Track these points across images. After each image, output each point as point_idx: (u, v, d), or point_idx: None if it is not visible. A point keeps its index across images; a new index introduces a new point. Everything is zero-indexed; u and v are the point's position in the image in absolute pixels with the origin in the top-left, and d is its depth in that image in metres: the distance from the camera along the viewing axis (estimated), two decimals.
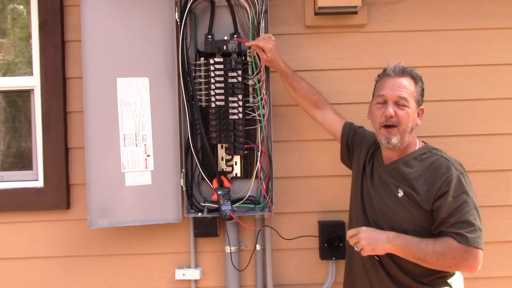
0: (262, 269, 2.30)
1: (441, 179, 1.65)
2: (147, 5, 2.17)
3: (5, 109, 2.44)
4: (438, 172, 1.67)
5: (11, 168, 2.43)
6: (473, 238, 1.59)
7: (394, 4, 2.33)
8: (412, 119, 1.75)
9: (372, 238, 1.66)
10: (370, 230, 1.70)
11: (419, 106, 1.78)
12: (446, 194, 1.63)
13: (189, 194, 2.23)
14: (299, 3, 2.32)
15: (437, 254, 1.60)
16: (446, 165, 1.68)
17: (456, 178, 1.65)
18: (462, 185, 1.65)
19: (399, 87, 1.74)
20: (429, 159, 1.73)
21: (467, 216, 1.61)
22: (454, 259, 1.60)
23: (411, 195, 1.69)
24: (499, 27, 2.34)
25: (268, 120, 2.22)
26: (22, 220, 2.31)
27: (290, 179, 2.32)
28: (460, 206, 1.62)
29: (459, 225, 1.60)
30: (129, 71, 2.17)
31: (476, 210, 1.63)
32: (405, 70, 1.77)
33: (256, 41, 2.08)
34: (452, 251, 1.59)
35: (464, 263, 1.60)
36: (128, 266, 2.32)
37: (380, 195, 1.79)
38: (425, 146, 1.81)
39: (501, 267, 2.31)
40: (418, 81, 1.78)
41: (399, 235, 1.67)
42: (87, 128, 2.15)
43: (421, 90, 1.78)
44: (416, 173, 1.71)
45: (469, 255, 1.59)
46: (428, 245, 1.62)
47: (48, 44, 2.29)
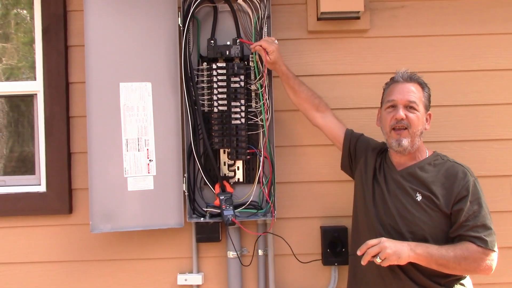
0: (264, 274, 2.29)
1: (460, 184, 1.72)
2: (150, 10, 2.18)
3: (8, 114, 2.45)
4: (456, 177, 1.74)
5: (13, 172, 2.43)
6: (491, 241, 1.67)
7: (396, 9, 2.33)
8: (422, 122, 1.80)
9: (396, 249, 1.62)
10: (391, 241, 1.66)
11: (427, 111, 1.84)
12: (465, 198, 1.70)
13: (191, 199, 2.23)
14: (302, 8, 2.32)
15: (459, 259, 1.65)
16: (462, 171, 1.75)
17: (473, 183, 1.73)
18: (478, 190, 1.73)
19: (408, 92, 1.80)
20: (443, 164, 1.80)
21: (484, 220, 1.68)
22: (476, 262, 1.66)
23: (430, 198, 1.73)
24: (502, 32, 2.33)
25: (271, 125, 2.22)
26: (24, 224, 2.31)
27: (293, 184, 2.32)
28: (478, 210, 1.69)
29: (477, 228, 1.67)
30: (131, 76, 2.17)
31: (489, 215, 1.72)
32: (413, 77, 1.84)
33: (260, 42, 2.09)
34: (473, 255, 1.66)
35: (482, 265, 1.67)
36: (130, 271, 2.32)
37: (398, 200, 1.80)
38: (436, 153, 1.86)
39: (505, 274, 2.30)
40: (424, 87, 1.84)
41: (418, 243, 1.67)
42: (90, 132, 2.15)
43: (428, 95, 1.84)
44: (432, 178, 1.77)
45: (487, 257, 1.67)
46: (449, 250, 1.65)
47: (51, 49, 2.30)
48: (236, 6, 2.24)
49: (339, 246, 2.22)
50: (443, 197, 1.73)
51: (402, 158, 1.84)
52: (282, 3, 2.31)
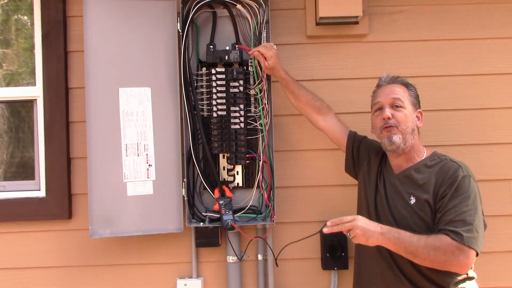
0: (264, 279, 2.29)
1: (448, 181, 1.69)
2: (149, 15, 2.19)
3: (8, 119, 2.45)
4: (446, 174, 1.71)
5: (13, 178, 2.43)
6: (469, 237, 1.58)
7: (395, 14, 2.34)
8: (411, 120, 1.80)
9: (367, 229, 1.63)
10: (366, 220, 1.67)
11: (416, 109, 1.84)
12: (448, 194, 1.67)
13: (190, 203, 2.23)
14: (301, 13, 2.33)
15: (428, 249, 1.59)
16: (454, 168, 1.72)
17: (461, 179, 1.67)
18: (466, 186, 1.66)
19: (392, 92, 1.82)
20: (439, 164, 1.77)
21: (464, 216, 1.62)
22: (445, 254, 1.58)
23: (422, 200, 1.71)
24: (500, 36, 2.34)
25: (270, 130, 2.23)
26: (24, 230, 2.31)
27: (292, 188, 2.32)
28: (458, 205, 1.63)
29: (455, 223, 1.61)
30: (131, 81, 2.18)
31: (477, 214, 1.64)
32: (396, 79, 1.87)
33: (258, 47, 2.09)
34: (444, 246, 1.58)
35: (454, 260, 1.59)
36: (130, 276, 2.32)
37: (394, 205, 1.79)
38: (434, 153, 1.84)
39: (503, 277, 2.30)
40: (409, 87, 1.86)
41: (392, 228, 1.66)
42: (89, 138, 2.15)
43: (414, 94, 1.85)
44: (426, 179, 1.74)
45: (461, 252, 1.58)
46: (421, 239, 1.61)
47: (51, 54, 2.31)
48: (235, 11, 2.25)
49: (339, 250, 2.22)
50: (432, 196, 1.70)
51: (399, 160, 1.83)
52: (281, 8, 2.32)
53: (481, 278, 2.28)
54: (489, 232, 2.27)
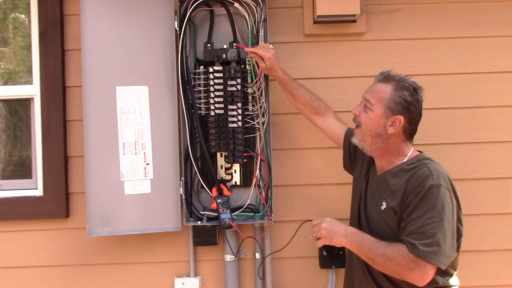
0: (261, 277, 2.29)
1: (415, 190, 1.61)
2: (147, 14, 2.18)
3: (6, 118, 2.45)
4: (415, 182, 1.62)
5: (11, 176, 2.43)
6: (426, 251, 1.53)
7: (393, 12, 2.34)
8: (376, 124, 1.71)
9: (331, 230, 1.67)
10: (333, 222, 1.70)
11: (394, 114, 1.69)
12: (412, 204, 1.59)
13: (188, 202, 2.23)
14: (298, 11, 2.33)
15: (385, 258, 1.58)
16: (424, 176, 1.62)
17: (428, 189, 1.58)
18: (432, 197, 1.57)
19: (370, 91, 1.76)
20: (413, 169, 1.67)
21: (426, 228, 1.55)
22: (400, 266, 1.56)
23: (391, 208, 1.67)
24: (498, 35, 2.34)
25: (267, 128, 2.22)
26: (21, 229, 2.30)
27: (290, 187, 2.32)
28: (422, 216, 1.56)
29: (414, 235, 1.56)
30: (128, 80, 2.18)
31: (441, 226, 1.55)
32: (390, 77, 1.73)
33: (256, 48, 2.08)
34: (399, 258, 1.56)
35: (409, 273, 1.56)
36: (128, 275, 2.32)
37: (370, 207, 1.79)
38: (417, 156, 1.73)
39: (501, 276, 2.30)
40: (400, 89, 1.69)
41: (357, 232, 1.68)
42: (87, 136, 2.15)
43: (400, 98, 1.68)
44: (399, 184, 1.67)
45: (416, 266, 1.54)
46: (381, 247, 1.60)
47: (48, 53, 2.30)
48: (232, 9, 2.25)
49: (336, 249, 2.22)
50: (399, 204, 1.64)
51: (380, 161, 1.78)
52: (279, 6, 2.32)
53: (478, 276, 2.31)
54: (486, 231, 2.30)
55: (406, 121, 1.70)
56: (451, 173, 2.29)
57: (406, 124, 1.70)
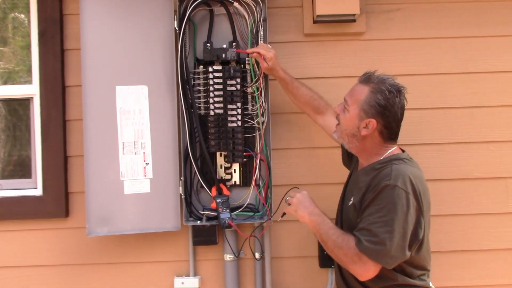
0: (261, 277, 2.29)
1: (373, 189, 1.62)
2: (146, 13, 2.18)
3: (5, 118, 2.45)
4: (375, 181, 1.63)
5: (10, 176, 2.42)
6: (368, 246, 1.56)
7: (392, 12, 2.34)
8: (351, 124, 1.71)
9: (301, 202, 1.78)
10: (306, 198, 1.80)
11: (368, 117, 1.67)
12: (366, 202, 1.62)
13: (188, 202, 2.23)
14: (298, 11, 2.33)
15: (335, 244, 1.64)
16: (384, 175, 1.62)
17: (383, 188, 1.59)
18: (386, 197, 1.57)
19: (349, 91, 1.77)
20: (381, 169, 1.66)
21: (374, 226, 1.56)
22: (346, 256, 1.61)
23: (354, 203, 1.70)
24: (497, 34, 2.34)
25: (267, 128, 2.22)
26: (21, 228, 2.30)
27: (289, 186, 2.30)
28: (372, 215, 1.58)
29: (362, 231, 1.59)
30: (128, 79, 2.17)
31: (390, 226, 1.54)
32: (370, 79, 1.72)
33: (257, 48, 2.08)
34: (346, 249, 1.61)
35: (351, 265, 1.61)
36: (127, 274, 2.32)
37: (344, 202, 1.83)
38: (391, 156, 1.71)
39: (501, 275, 2.30)
40: (375, 93, 1.67)
41: (321, 214, 1.74)
42: (86, 136, 2.15)
43: (374, 101, 1.66)
44: (364, 182, 1.68)
45: (358, 260, 1.58)
46: (335, 234, 1.66)
47: (48, 52, 2.30)
48: (232, 9, 2.25)
49: None
50: (359, 201, 1.67)
51: (361, 159, 1.80)
52: (278, 6, 2.32)
53: (478, 275, 2.31)
54: (486, 230, 2.30)
55: (381, 124, 1.68)
56: (450, 172, 2.31)
57: (382, 128, 1.68)
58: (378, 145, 1.72)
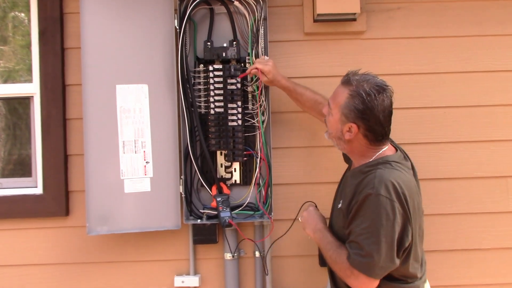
0: (261, 276, 2.29)
1: (357, 196, 1.58)
2: (147, 12, 2.18)
3: (5, 116, 2.45)
4: (360, 188, 1.59)
5: (10, 175, 2.43)
6: (357, 261, 1.55)
7: (393, 11, 2.34)
8: (335, 128, 1.69)
9: (306, 220, 1.84)
10: (311, 213, 1.85)
11: (349, 121, 1.62)
12: (352, 212, 1.59)
13: (188, 201, 2.23)
14: (298, 10, 2.33)
15: (332, 260, 1.67)
16: (367, 182, 1.58)
17: (364, 197, 1.55)
18: (369, 207, 1.54)
19: (332, 94, 1.72)
20: (367, 173, 1.61)
21: (360, 239, 1.54)
22: (341, 271, 1.63)
23: (341, 208, 1.68)
24: (498, 33, 2.34)
25: (267, 127, 2.22)
26: (21, 227, 2.30)
27: (290, 185, 2.31)
28: (358, 226, 1.56)
29: (351, 244, 1.58)
30: (128, 78, 2.17)
31: (376, 237, 1.52)
32: (349, 80, 1.65)
33: (254, 65, 2.09)
34: (340, 263, 1.62)
35: (346, 279, 1.61)
36: (127, 273, 2.32)
37: (334, 203, 1.84)
38: (379, 159, 1.65)
39: (501, 274, 2.30)
40: (354, 97, 1.60)
41: (322, 230, 1.77)
42: (87, 135, 2.15)
43: (353, 106, 1.60)
44: (351, 187, 1.65)
45: (351, 274, 1.58)
46: (331, 249, 1.68)
47: (48, 51, 2.30)
48: (232, 8, 2.25)
49: None
50: (346, 207, 1.64)
51: (353, 159, 1.77)
52: (279, 5, 2.32)
53: (478, 274, 2.31)
54: (487, 229, 2.31)
55: (364, 128, 1.62)
56: (451, 172, 2.31)
57: (365, 131, 1.63)
58: (365, 148, 1.67)
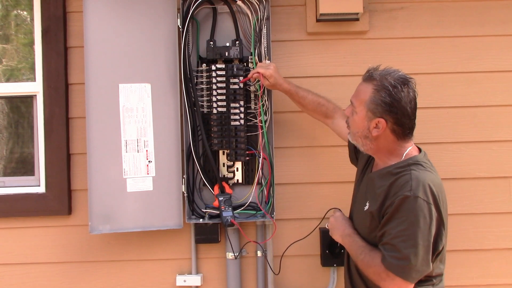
0: (263, 275, 2.29)
1: (392, 198, 1.56)
2: (150, 11, 2.18)
3: (8, 115, 2.45)
4: (394, 190, 1.57)
5: (13, 173, 2.43)
6: (392, 264, 1.53)
7: (395, 11, 2.34)
8: (361, 126, 1.65)
9: (334, 226, 1.82)
10: (338, 218, 1.83)
11: (376, 116, 1.60)
12: (387, 214, 1.57)
13: (190, 200, 2.23)
14: (301, 10, 2.33)
15: (364, 264, 1.64)
16: (403, 184, 1.56)
17: (402, 199, 1.53)
18: (406, 209, 1.52)
19: (354, 92, 1.71)
20: (398, 174, 1.60)
21: (397, 241, 1.52)
22: (375, 274, 1.59)
23: (369, 210, 1.66)
24: (500, 34, 2.34)
25: (270, 126, 2.23)
26: (23, 225, 2.31)
27: (292, 185, 2.32)
28: (394, 228, 1.53)
29: (386, 246, 1.56)
30: (131, 77, 2.18)
31: (413, 240, 1.50)
32: (372, 76, 1.64)
33: (256, 69, 2.09)
34: (374, 267, 1.59)
35: (381, 282, 1.58)
36: (129, 272, 2.32)
37: (357, 204, 1.80)
38: (408, 160, 1.63)
39: (503, 275, 2.31)
40: (378, 90, 1.59)
41: (351, 234, 1.74)
42: (89, 134, 2.15)
43: (380, 100, 1.58)
44: (382, 188, 1.62)
45: (386, 277, 1.55)
46: (362, 253, 1.65)
47: (51, 50, 2.30)
48: (235, 7, 2.25)
49: (338, 247, 2.21)
50: (378, 210, 1.61)
51: (377, 159, 1.74)
52: (281, 4, 2.32)
53: (480, 275, 2.31)
54: (488, 230, 2.31)
55: (391, 122, 1.60)
56: (452, 172, 2.31)
57: (393, 126, 1.61)
58: (393, 144, 1.65)
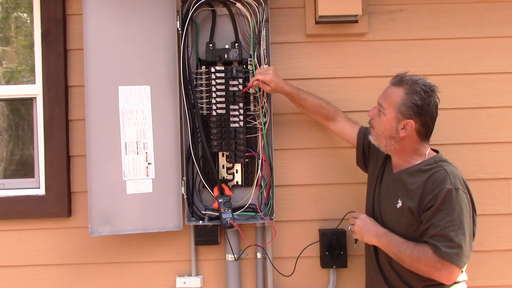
0: (263, 277, 2.30)
1: (433, 192, 1.67)
2: (149, 14, 2.19)
3: (8, 117, 2.45)
4: (433, 184, 1.68)
5: (13, 175, 2.43)
6: (448, 253, 1.61)
7: (394, 13, 2.34)
8: (388, 127, 1.77)
9: (364, 228, 1.82)
10: (367, 220, 1.84)
11: (405, 118, 1.74)
12: (432, 207, 1.65)
13: (190, 202, 2.23)
14: (300, 12, 2.33)
15: (413, 259, 1.67)
16: (441, 179, 1.68)
17: (446, 192, 1.64)
18: (451, 200, 1.64)
19: (383, 95, 1.82)
20: (431, 170, 1.73)
21: (447, 231, 1.62)
22: (427, 266, 1.65)
23: (407, 207, 1.73)
24: (499, 35, 2.34)
25: (269, 128, 2.23)
26: (23, 228, 2.31)
27: (291, 187, 2.32)
28: (442, 220, 1.63)
29: (437, 237, 1.63)
30: (130, 80, 2.18)
31: (462, 228, 1.63)
32: (403, 80, 1.78)
33: (255, 77, 2.09)
34: (426, 259, 1.64)
35: (436, 273, 1.65)
36: (129, 274, 2.32)
37: (385, 203, 1.84)
38: (433, 157, 1.79)
39: (502, 276, 2.30)
40: (411, 94, 1.73)
41: (386, 233, 1.77)
42: (89, 136, 2.15)
43: (411, 103, 1.73)
44: (416, 184, 1.72)
45: (442, 266, 1.63)
46: (408, 248, 1.69)
47: (51, 52, 2.31)
48: (234, 9, 2.25)
49: (338, 249, 2.23)
50: (417, 205, 1.70)
51: (396, 159, 1.85)
52: (281, 6, 2.32)
53: (480, 276, 2.31)
54: (488, 231, 2.30)
55: (419, 124, 1.74)
56: None
57: (419, 127, 1.75)
58: (416, 145, 1.79)
